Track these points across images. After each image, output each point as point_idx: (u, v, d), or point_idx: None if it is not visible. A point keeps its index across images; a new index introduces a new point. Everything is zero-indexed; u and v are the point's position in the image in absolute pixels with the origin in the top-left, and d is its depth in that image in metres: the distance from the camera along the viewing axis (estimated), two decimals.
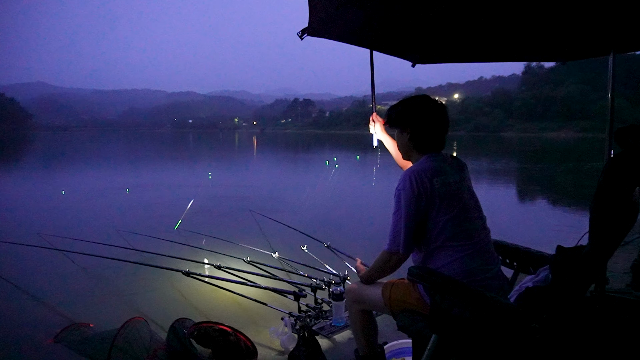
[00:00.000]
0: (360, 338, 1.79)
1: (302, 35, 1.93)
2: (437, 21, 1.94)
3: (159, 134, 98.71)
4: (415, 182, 1.38)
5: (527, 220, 7.65)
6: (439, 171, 1.41)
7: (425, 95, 1.52)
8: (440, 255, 1.43)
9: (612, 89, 2.15)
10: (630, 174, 1.04)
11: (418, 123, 1.48)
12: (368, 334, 1.77)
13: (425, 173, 1.40)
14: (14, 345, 2.98)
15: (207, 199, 9.96)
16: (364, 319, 1.74)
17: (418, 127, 1.48)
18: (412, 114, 1.49)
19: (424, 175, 1.39)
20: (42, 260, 4.75)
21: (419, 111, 1.49)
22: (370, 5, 1.74)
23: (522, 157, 24.01)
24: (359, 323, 1.75)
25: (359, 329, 1.77)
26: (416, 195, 1.38)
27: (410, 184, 1.39)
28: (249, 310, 3.32)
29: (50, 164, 21.98)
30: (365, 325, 1.76)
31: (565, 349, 1.15)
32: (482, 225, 1.50)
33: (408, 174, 1.41)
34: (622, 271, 3.43)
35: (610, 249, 1.13)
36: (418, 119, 1.48)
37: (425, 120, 1.48)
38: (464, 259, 1.40)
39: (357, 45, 2.20)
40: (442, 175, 1.41)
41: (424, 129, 1.48)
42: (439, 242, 1.41)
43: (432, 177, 1.39)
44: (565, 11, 1.77)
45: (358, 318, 1.74)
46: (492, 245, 1.53)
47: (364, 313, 1.74)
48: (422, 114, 1.48)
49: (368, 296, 1.65)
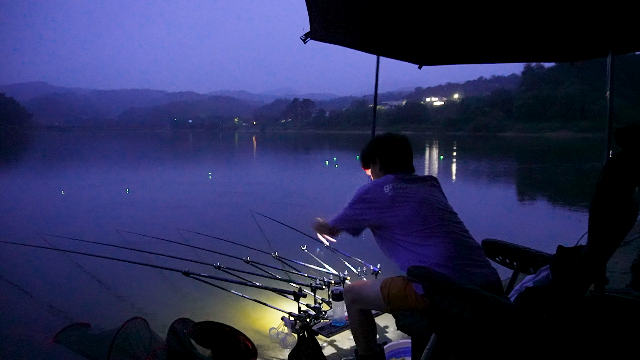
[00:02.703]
0: (359, 338, 1.81)
1: (306, 39, 1.93)
2: (440, 24, 1.95)
3: (159, 134, 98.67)
4: (369, 190, 1.68)
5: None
6: (390, 181, 1.67)
7: (388, 133, 1.87)
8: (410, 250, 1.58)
9: (610, 90, 2.16)
10: (630, 174, 1.04)
11: (383, 154, 1.82)
12: (367, 334, 1.79)
13: (379, 183, 1.69)
14: (14, 345, 2.98)
15: (207, 198, 9.98)
16: (363, 319, 1.77)
17: (383, 157, 1.82)
18: (378, 149, 1.84)
19: (377, 185, 1.68)
20: (42, 260, 4.75)
21: (382, 145, 1.83)
22: (372, 11, 1.74)
23: (526, 158, 24.01)
24: (358, 323, 1.78)
25: (358, 329, 1.79)
26: (367, 200, 1.67)
27: (366, 191, 1.69)
28: (249, 310, 3.32)
29: (50, 164, 21.98)
30: (364, 325, 1.78)
31: (565, 349, 1.15)
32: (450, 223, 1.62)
33: (367, 185, 1.72)
34: (622, 271, 3.44)
35: (610, 249, 1.13)
36: (383, 151, 1.82)
37: (387, 151, 1.81)
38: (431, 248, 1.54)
39: (361, 50, 2.20)
40: (392, 183, 1.66)
41: (388, 158, 1.80)
42: (405, 236, 1.59)
43: (384, 184, 1.66)
44: (564, 13, 1.77)
45: (357, 318, 1.77)
46: (471, 241, 1.64)
47: (363, 313, 1.76)
48: (385, 147, 1.82)
49: (367, 294, 1.69)
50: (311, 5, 1.70)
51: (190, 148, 39.30)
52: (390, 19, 1.85)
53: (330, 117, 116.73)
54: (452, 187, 12.16)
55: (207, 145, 43.85)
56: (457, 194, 10.75)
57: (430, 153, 27.19)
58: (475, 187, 12.21)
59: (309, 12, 1.74)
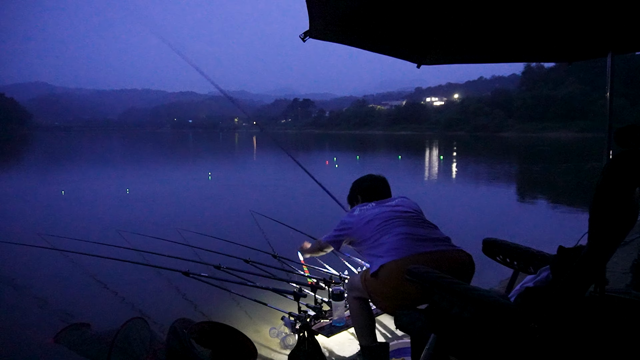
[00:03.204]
0: (359, 329, 2.00)
1: (305, 37, 1.93)
2: (441, 23, 1.94)
3: (159, 134, 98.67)
4: (347, 216, 2.15)
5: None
6: (360, 206, 2.17)
7: (367, 175, 2.37)
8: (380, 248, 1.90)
9: (610, 90, 2.16)
10: (630, 174, 1.04)
11: (362, 192, 2.30)
12: (363, 322, 1.99)
13: (353, 209, 2.18)
14: (14, 345, 2.98)
15: (207, 198, 9.98)
16: (360, 308, 2.00)
17: (363, 194, 2.29)
18: (358, 188, 2.32)
19: (352, 211, 2.17)
20: (42, 260, 4.75)
21: (361, 185, 2.32)
22: (372, 8, 1.74)
23: (526, 158, 24.01)
24: (356, 312, 2.01)
25: (357, 319, 2.01)
26: (346, 223, 2.12)
27: (346, 217, 2.15)
28: (249, 310, 3.33)
29: (50, 164, 21.98)
30: (362, 315, 2.00)
31: (565, 349, 1.15)
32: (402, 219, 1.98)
33: (347, 214, 2.19)
34: (622, 271, 3.44)
35: (610, 249, 1.13)
36: (362, 190, 2.30)
37: (365, 188, 2.29)
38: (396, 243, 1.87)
39: (361, 48, 2.20)
40: (359, 206, 2.15)
41: (367, 194, 2.27)
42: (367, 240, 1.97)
43: (355, 209, 2.15)
44: (564, 12, 1.77)
45: (354, 306, 2.02)
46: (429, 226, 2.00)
47: (360, 302, 2.00)
48: (363, 186, 2.30)
49: (355, 282, 2.03)
50: (311, 3, 1.70)
51: (191, 148, 39.29)
52: (389, 17, 1.85)
53: (330, 117, 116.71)
54: (452, 187, 12.17)
55: (207, 146, 43.86)
56: (458, 194, 10.76)
57: (430, 153, 27.20)
58: (475, 187, 12.21)
59: (309, 10, 1.74)
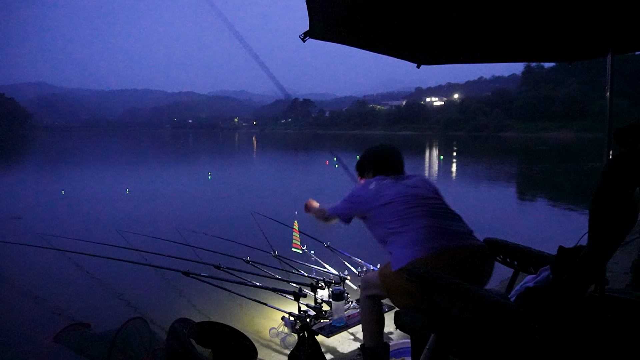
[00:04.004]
0: (365, 327, 1.91)
1: (305, 37, 1.93)
2: (440, 23, 1.94)
3: (159, 134, 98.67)
4: (360, 188, 1.94)
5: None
6: (376, 179, 1.95)
7: (379, 144, 2.12)
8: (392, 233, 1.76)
9: (610, 90, 2.16)
10: (630, 174, 1.04)
11: (375, 164, 2.06)
12: (375, 325, 1.88)
13: (367, 182, 1.97)
14: (14, 345, 2.98)
15: (207, 198, 9.97)
16: (371, 308, 1.88)
17: (376, 167, 2.05)
18: (370, 160, 2.08)
19: (366, 183, 1.96)
20: (42, 260, 4.75)
21: (374, 156, 2.07)
22: (372, 8, 1.74)
23: (526, 158, 24.00)
24: (367, 311, 1.90)
25: (367, 319, 1.90)
26: (360, 196, 1.91)
27: (358, 189, 1.95)
28: (249, 310, 3.32)
29: (50, 164, 21.97)
30: (372, 315, 1.88)
31: (565, 349, 1.15)
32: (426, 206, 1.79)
33: (359, 184, 2.00)
34: (622, 271, 3.44)
35: (610, 249, 1.13)
36: (375, 162, 2.06)
37: (378, 161, 2.05)
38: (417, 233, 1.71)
39: (361, 48, 2.20)
40: (376, 180, 1.93)
41: (379, 167, 2.04)
42: (386, 222, 1.79)
43: (370, 182, 1.94)
44: (564, 12, 1.77)
45: (366, 305, 1.90)
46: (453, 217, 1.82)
47: (372, 301, 1.88)
48: (376, 158, 2.06)
49: (371, 278, 1.89)
50: (311, 3, 1.70)
51: (191, 148, 39.28)
52: (389, 17, 1.85)
53: (331, 117, 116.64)
54: (452, 187, 12.16)
55: (207, 146, 43.84)
56: (457, 195, 10.75)
57: (430, 153, 27.19)
58: (475, 187, 12.20)
59: (309, 10, 1.74)
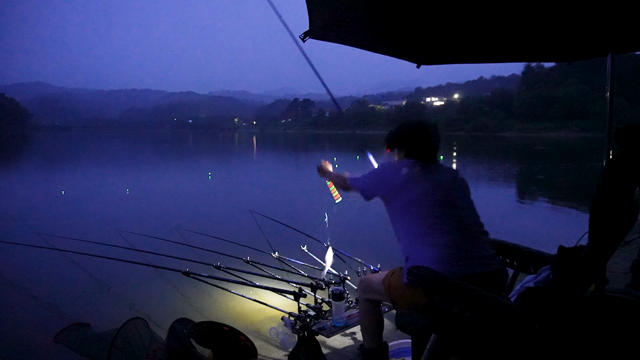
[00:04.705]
0: (365, 330, 1.86)
1: (305, 38, 1.93)
2: (440, 23, 1.94)
3: (159, 134, 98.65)
4: (389, 168, 1.74)
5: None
6: (409, 165, 1.70)
7: (418, 121, 1.82)
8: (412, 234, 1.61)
9: (610, 90, 2.15)
10: (630, 174, 1.04)
11: (409, 143, 1.77)
12: (374, 327, 1.84)
13: (399, 164, 1.74)
14: (14, 345, 2.98)
15: (207, 198, 9.97)
16: (370, 310, 1.83)
17: (409, 146, 1.77)
18: (405, 137, 1.79)
19: (397, 165, 1.73)
20: (42, 260, 4.75)
21: (410, 135, 1.78)
22: (372, 9, 1.74)
23: (525, 158, 23.99)
24: (366, 314, 1.84)
25: (365, 321, 1.85)
26: (386, 181, 1.71)
27: (387, 167, 1.74)
28: (249, 310, 3.32)
29: (50, 164, 21.97)
30: (371, 318, 1.83)
31: (565, 349, 1.15)
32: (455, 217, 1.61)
33: (390, 162, 1.77)
34: (622, 271, 3.44)
35: (610, 249, 1.13)
36: (409, 141, 1.78)
37: (414, 141, 1.77)
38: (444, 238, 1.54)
39: (361, 48, 2.20)
40: (409, 167, 1.69)
41: (414, 148, 1.76)
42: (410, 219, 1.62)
43: (402, 166, 1.71)
44: (564, 12, 1.77)
45: (365, 308, 1.83)
46: (480, 237, 1.62)
47: (371, 304, 1.82)
48: (412, 137, 1.78)
49: (374, 284, 1.77)
50: (311, 3, 1.70)
51: (191, 148, 39.27)
52: (389, 17, 1.85)
53: (331, 117, 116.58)
54: None
55: (207, 146, 43.83)
56: None
57: None
58: (474, 187, 12.17)
59: (309, 10, 1.74)
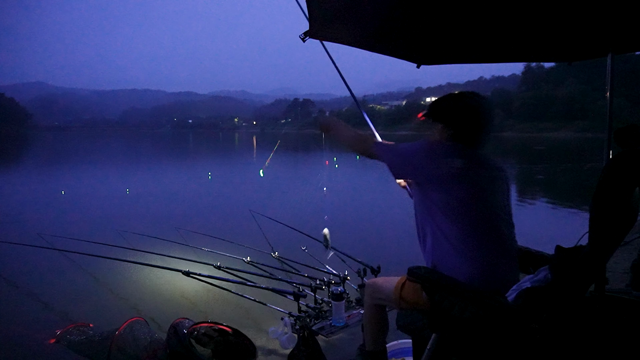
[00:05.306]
0: (369, 333, 1.81)
1: (305, 37, 1.93)
2: (440, 23, 1.95)
3: (159, 134, 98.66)
4: (433, 151, 1.42)
5: None
6: (457, 154, 1.40)
7: (478, 95, 1.46)
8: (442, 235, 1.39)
9: (610, 90, 2.16)
10: (630, 174, 1.04)
11: (460, 125, 1.44)
12: (378, 330, 1.79)
13: (445, 150, 1.42)
14: (14, 345, 2.98)
15: (207, 198, 9.97)
16: (376, 314, 1.76)
17: (459, 128, 1.43)
18: (456, 114, 1.45)
19: (443, 151, 1.41)
20: (42, 260, 4.75)
21: (464, 110, 1.44)
22: (372, 9, 1.74)
23: (525, 158, 24.00)
24: (370, 318, 1.78)
25: (370, 324, 1.79)
26: (425, 156, 1.41)
27: (430, 149, 1.43)
28: (249, 310, 3.32)
29: (50, 164, 21.97)
30: (376, 321, 1.77)
31: (565, 349, 1.15)
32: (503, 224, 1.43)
33: (434, 144, 1.45)
34: (622, 271, 3.44)
35: (610, 249, 1.13)
36: (461, 122, 1.44)
37: (467, 122, 1.44)
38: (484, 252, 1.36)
39: (361, 48, 2.20)
40: (457, 158, 1.38)
41: (464, 130, 1.43)
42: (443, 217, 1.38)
43: (448, 154, 1.40)
44: (564, 12, 1.77)
45: (370, 312, 1.77)
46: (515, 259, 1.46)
47: (377, 308, 1.75)
48: (466, 117, 1.44)
49: (383, 290, 1.64)
50: (311, 3, 1.70)
51: (191, 148, 39.27)
52: (389, 17, 1.86)
53: None
54: None
55: (207, 146, 43.83)
56: None
57: None
58: None
59: (309, 10, 1.75)
